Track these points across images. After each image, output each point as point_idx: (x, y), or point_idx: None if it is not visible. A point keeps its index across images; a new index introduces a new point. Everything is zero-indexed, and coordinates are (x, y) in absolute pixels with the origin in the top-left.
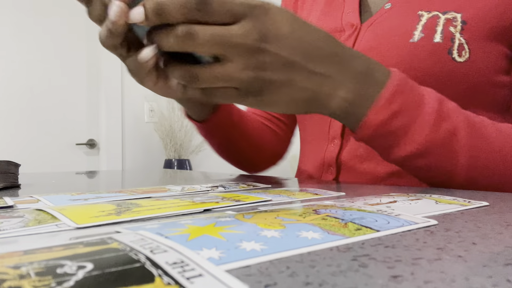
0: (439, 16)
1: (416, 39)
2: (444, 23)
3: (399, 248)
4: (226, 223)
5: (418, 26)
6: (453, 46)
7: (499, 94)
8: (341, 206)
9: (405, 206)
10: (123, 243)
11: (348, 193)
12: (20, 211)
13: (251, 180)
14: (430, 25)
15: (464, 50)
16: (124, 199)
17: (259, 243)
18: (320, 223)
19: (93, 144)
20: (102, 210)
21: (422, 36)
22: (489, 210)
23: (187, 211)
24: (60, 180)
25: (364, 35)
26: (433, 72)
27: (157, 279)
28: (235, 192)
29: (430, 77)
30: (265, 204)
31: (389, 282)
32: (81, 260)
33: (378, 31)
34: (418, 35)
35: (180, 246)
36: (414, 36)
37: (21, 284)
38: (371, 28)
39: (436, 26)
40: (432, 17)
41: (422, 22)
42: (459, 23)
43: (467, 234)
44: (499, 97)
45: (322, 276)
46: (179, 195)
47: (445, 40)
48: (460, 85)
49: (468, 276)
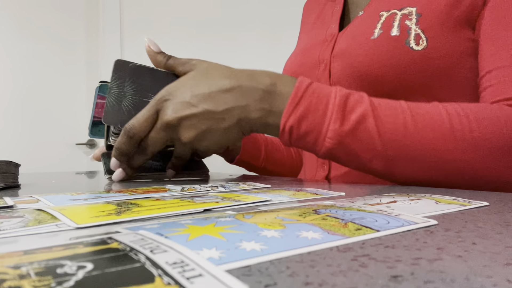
0: (396, 13)
1: (376, 35)
2: (401, 18)
3: (399, 248)
4: (226, 223)
5: (378, 25)
6: (409, 36)
7: (470, 77)
8: (341, 206)
9: (405, 206)
10: (123, 243)
11: (348, 193)
12: (20, 211)
13: (251, 180)
14: (388, 22)
15: (421, 39)
16: (124, 199)
17: (259, 243)
18: (320, 223)
19: (93, 144)
20: (102, 210)
21: (381, 32)
22: (489, 210)
23: (187, 211)
24: (60, 180)
25: (339, 41)
26: (393, 63)
27: (157, 279)
28: (235, 192)
29: (391, 68)
30: (265, 204)
31: (389, 282)
32: (81, 260)
33: (348, 36)
34: (378, 32)
35: (180, 246)
36: (375, 33)
37: (21, 284)
38: (344, 35)
39: (393, 21)
40: (390, 15)
41: (381, 20)
42: (414, 15)
43: (467, 234)
44: (471, 80)
45: (322, 276)
46: (179, 195)
47: (402, 32)
48: (423, 73)
49: (468, 276)
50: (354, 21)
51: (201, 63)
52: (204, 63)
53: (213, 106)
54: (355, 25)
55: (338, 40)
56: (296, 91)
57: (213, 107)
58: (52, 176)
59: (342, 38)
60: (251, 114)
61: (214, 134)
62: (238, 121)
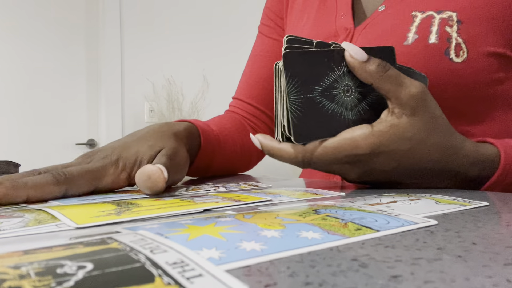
0: (434, 16)
1: (410, 41)
2: (439, 23)
3: (399, 248)
4: (226, 223)
5: (412, 28)
6: (450, 46)
7: (498, 90)
8: (341, 206)
9: (405, 206)
10: (123, 243)
11: (348, 193)
12: (19, 211)
13: (251, 180)
14: (424, 25)
15: (462, 50)
16: (124, 199)
17: (259, 243)
18: (320, 223)
19: (93, 144)
20: (102, 210)
21: (416, 38)
22: (489, 210)
23: (187, 211)
24: None
25: (358, 40)
26: (430, 75)
27: (157, 279)
28: (236, 192)
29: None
30: (265, 204)
31: (389, 282)
32: (81, 260)
33: (371, 35)
34: (412, 37)
35: (180, 246)
36: (408, 38)
37: (21, 284)
38: (364, 32)
39: (430, 26)
40: (426, 18)
41: (416, 23)
42: (455, 22)
43: (467, 234)
44: (499, 92)
45: (322, 276)
46: (180, 195)
47: (441, 40)
48: (458, 86)
49: (468, 276)
50: (375, 16)
51: (425, 111)
52: (428, 113)
53: (411, 179)
54: (377, 22)
55: (356, 37)
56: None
57: (411, 179)
58: None
59: (362, 36)
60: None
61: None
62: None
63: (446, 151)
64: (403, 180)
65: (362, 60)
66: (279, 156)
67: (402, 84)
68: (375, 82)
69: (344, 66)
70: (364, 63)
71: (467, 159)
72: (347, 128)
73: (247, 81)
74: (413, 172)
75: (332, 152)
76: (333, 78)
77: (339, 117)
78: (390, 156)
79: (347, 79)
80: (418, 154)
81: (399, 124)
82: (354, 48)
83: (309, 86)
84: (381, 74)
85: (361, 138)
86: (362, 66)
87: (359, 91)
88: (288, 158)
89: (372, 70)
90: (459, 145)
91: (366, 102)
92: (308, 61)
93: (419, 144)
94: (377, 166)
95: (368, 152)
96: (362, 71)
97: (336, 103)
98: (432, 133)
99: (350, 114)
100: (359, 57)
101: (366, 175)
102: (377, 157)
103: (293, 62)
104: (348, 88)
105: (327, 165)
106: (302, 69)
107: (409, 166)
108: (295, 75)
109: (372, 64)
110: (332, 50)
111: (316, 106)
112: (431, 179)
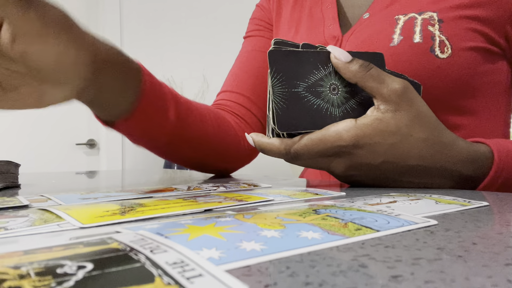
0: (416, 17)
1: (396, 42)
2: (422, 23)
3: (399, 248)
4: (226, 223)
5: (396, 30)
6: (434, 44)
7: (485, 81)
8: (341, 206)
9: (405, 206)
10: (123, 243)
11: (348, 193)
12: (24, 210)
13: (251, 180)
14: (408, 26)
15: (446, 46)
16: (127, 199)
17: (259, 243)
18: (320, 223)
19: (93, 144)
20: (107, 210)
21: (401, 39)
22: (489, 210)
23: (188, 211)
24: (60, 180)
25: (346, 45)
26: (418, 73)
27: (157, 279)
28: (237, 192)
29: (415, 78)
30: (265, 204)
31: (389, 282)
32: (81, 260)
33: (358, 40)
34: (398, 38)
35: (180, 246)
36: (394, 40)
37: (21, 284)
38: (352, 38)
39: (414, 27)
40: (409, 19)
41: (400, 25)
42: (436, 21)
43: (467, 234)
44: (485, 84)
45: (322, 276)
46: (183, 195)
47: (425, 39)
48: (445, 80)
49: (468, 276)
50: (361, 23)
51: (410, 106)
52: (413, 109)
53: (401, 176)
54: (363, 28)
55: (344, 44)
56: (496, 167)
57: (400, 177)
58: (52, 176)
59: (349, 42)
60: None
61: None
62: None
63: (434, 146)
64: (393, 176)
65: (346, 61)
66: (268, 150)
67: (383, 81)
68: (359, 81)
69: (330, 66)
70: (347, 64)
71: (460, 157)
72: None
73: (236, 73)
74: (400, 168)
75: (317, 143)
76: (318, 76)
77: (325, 112)
78: (374, 148)
79: (334, 79)
80: (403, 149)
81: (383, 118)
82: (338, 50)
83: (293, 81)
84: (363, 73)
85: (344, 131)
86: (345, 66)
87: (347, 90)
88: (276, 151)
89: (355, 69)
90: (450, 142)
91: (354, 101)
92: (293, 59)
93: (404, 139)
94: (363, 160)
95: (351, 143)
96: (346, 71)
97: (322, 99)
98: (418, 128)
99: (337, 111)
100: (343, 58)
101: (352, 169)
102: (361, 149)
103: (277, 59)
104: (335, 87)
105: (312, 157)
106: (287, 66)
107: (395, 161)
108: (279, 71)
109: (355, 64)
110: (318, 52)
111: (301, 100)
112: (422, 176)
